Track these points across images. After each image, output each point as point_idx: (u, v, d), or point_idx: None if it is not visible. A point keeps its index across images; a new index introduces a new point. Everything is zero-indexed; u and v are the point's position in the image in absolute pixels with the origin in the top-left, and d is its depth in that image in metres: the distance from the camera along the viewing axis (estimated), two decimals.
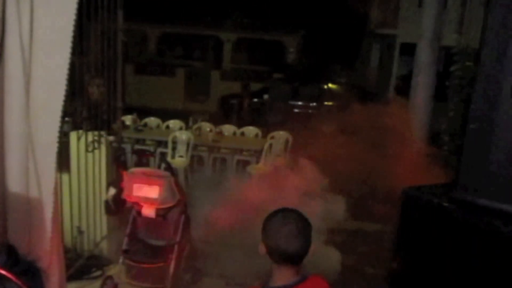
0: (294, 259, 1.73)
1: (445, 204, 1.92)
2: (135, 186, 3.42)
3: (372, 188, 5.29)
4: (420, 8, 7.23)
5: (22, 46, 2.83)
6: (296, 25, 18.17)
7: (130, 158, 6.43)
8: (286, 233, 1.71)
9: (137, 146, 7.43)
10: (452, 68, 6.19)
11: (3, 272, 0.97)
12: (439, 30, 6.52)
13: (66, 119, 3.84)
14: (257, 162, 7.73)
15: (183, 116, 9.31)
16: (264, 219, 1.78)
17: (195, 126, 8.51)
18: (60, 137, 3.13)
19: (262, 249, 1.76)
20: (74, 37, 3.02)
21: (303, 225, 1.74)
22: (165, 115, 9.48)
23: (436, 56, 6.48)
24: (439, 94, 6.68)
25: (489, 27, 1.75)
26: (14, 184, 3.05)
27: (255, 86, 13.89)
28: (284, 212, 1.80)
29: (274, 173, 5.55)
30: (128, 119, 7.86)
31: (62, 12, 2.92)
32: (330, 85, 14.27)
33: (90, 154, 4.14)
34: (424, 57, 6.34)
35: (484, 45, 1.85)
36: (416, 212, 2.11)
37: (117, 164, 3.59)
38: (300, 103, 13.28)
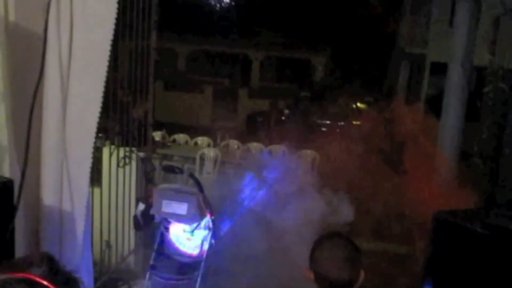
0: (344, 287, 1.68)
1: (479, 230, 1.87)
2: (164, 202, 3.47)
3: (398, 210, 5.22)
4: (451, 27, 7.14)
5: (61, 64, 2.95)
6: (324, 43, 18.24)
7: (159, 174, 6.53)
8: (336, 260, 1.67)
9: (165, 162, 7.53)
10: (485, 89, 6.07)
11: (44, 282, 1.00)
12: (471, 49, 6.43)
13: (100, 134, 3.93)
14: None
15: (211, 132, 9.40)
16: (313, 244, 1.74)
17: (222, 143, 8.58)
18: (93, 152, 3.23)
19: (309, 275, 1.71)
20: (110, 55, 3.13)
21: (353, 251, 1.70)
22: (193, 131, 9.60)
23: (468, 76, 6.37)
24: (471, 114, 6.58)
25: None
26: (48, 197, 3.14)
27: (282, 104, 13.94)
28: (333, 238, 1.76)
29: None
30: (157, 135, 7.99)
31: (99, 32, 3.03)
32: (358, 104, 14.22)
33: (121, 169, 4.23)
34: (455, 77, 6.25)
35: None
36: (448, 236, 2.06)
37: (147, 180, 3.66)
38: (327, 121, 13.25)
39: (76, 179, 3.17)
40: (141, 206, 3.63)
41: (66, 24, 2.91)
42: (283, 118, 13.32)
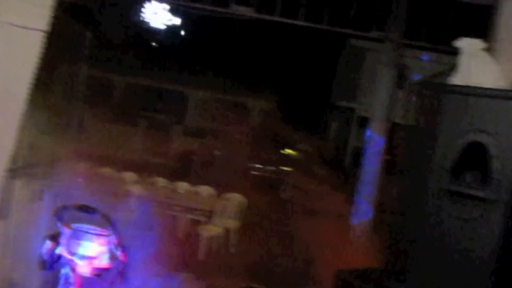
0: None
1: None
2: (73, 242, 3.34)
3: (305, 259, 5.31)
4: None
5: None
6: (263, 89, 18.73)
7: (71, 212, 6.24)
8: None
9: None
10: (397, 151, 6.48)
11: None
12: (391, 107, 6.85)
13: (13, 166, 3.75)
14: (209, 223, 7.67)
15: (140, 168, 9.19)
16: None
17: (149, 180, 8.42)
18: (4, 184, 3.07)
19: None
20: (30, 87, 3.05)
21: None
22: (121, 165, 9.34)
23: (387, 132, 6.76)
24: (391, 168, 6.96)
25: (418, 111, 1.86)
26: None
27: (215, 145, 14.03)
28: None
29: None
30: (81, 167, 7.67)
31: (22, 64, 2.97)
32: (288, 150, 14.62)
33: (32, 204, 4.03)
34: (375, 133, 6.64)
35: (413, 137, 1.95)
36: None
37: (57, 217, 3.51)
38: (258, 165, 13.46)
39: None
40: (48, 244, 3.46)
41: None
42: (215, 159, 13.37)
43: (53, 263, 3.52)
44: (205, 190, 8.64)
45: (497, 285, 1.61)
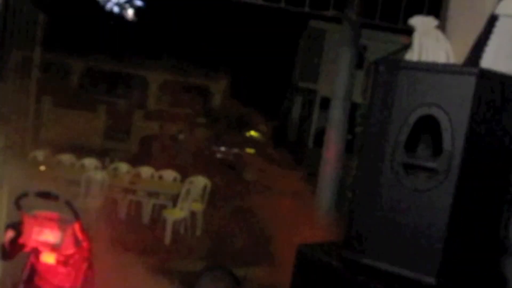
0: None
1: (333, 263, 1.97)
2: (35, 229, 3.28)
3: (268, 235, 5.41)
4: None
5: None
6: (223, 72, 18.64)
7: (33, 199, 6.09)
8: None
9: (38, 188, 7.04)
10: (356, 129, 6.64)
11: None
12: (350, 88, 6.97)
13: None
14: (174, 207, 7.65)
15: (101, 154, 9.03)
16: (196, 279, 1.83)
17: (111, 166, 8.29)
18: None
19: None
20: None
21: (233, 283, 1.81)
22: (82, 152, 9.15)
23: (348, 112, 6.89)
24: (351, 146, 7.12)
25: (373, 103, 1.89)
26: None
27: (177, 129, 13.90)
28: (213, 271, 1.88)
29: None
30: (40, 155, 7.48)
31: None
32: (252, 132, 14.67)
33: None
34: (336, 113, 6.75)
35: (370, 113, 1.96)
36: (308, 269, 2.17)
37: (17, 205, 3.42)
38: (222, 148, 13.46)
39: None
40: (10, 233, 3.38)
41: None
42: (177, 143, 13.28)
43: (15, 252, 3.44)
44: (169, 174, 8.59)
45: (448, 252, 1.68)
